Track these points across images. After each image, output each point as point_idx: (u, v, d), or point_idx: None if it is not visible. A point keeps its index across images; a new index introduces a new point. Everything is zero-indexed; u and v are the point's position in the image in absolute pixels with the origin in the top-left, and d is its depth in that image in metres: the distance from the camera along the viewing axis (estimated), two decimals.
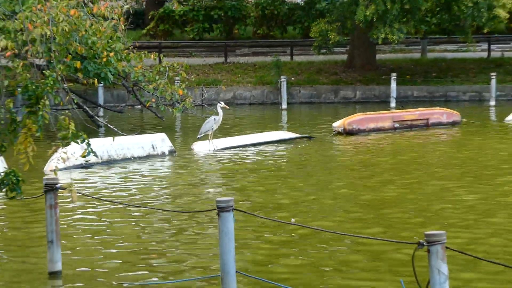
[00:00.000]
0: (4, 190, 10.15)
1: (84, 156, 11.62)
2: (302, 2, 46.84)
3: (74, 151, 11.55)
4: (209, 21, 46.29)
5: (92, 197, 17.19)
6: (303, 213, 16.42)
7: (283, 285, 11.27)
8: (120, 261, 13.29)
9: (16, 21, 10.17)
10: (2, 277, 12.61)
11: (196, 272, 12.39)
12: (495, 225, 15.05)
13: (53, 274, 12.19)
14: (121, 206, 16.95)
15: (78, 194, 16.49)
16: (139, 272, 12.63)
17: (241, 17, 46.67)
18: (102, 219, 16.41)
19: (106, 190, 19.36)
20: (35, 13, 10.22)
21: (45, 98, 9.45)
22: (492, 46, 42.41)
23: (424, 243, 8.80)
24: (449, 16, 38.35)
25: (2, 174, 10.20)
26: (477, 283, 11.27)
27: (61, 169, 19.75)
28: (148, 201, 17.92)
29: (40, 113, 9.42)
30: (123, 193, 19.14)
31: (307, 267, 12.80)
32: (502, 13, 38.26)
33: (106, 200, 17.44)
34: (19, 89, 10.53)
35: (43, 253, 12.69)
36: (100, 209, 17.11)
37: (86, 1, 11.47)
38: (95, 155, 10.87)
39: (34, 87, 9.55)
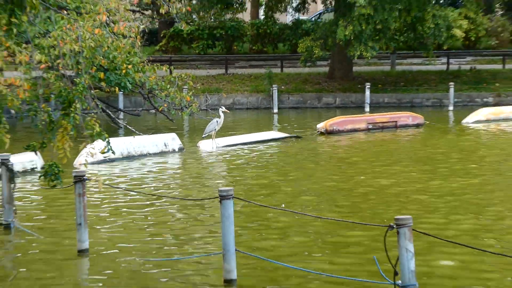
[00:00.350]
0: (47, 179, 10.10)
1: (103, 153, 11.72)
2: (291, 22, 46.91)
3: (100, 148, 11.60)
4: (212, 39, 46.24)
5: (114, 187, 17.21)
6: (293, 199, 16.32)
7: (272, 260, 11.15)
8: (140, 241, 13.23)
9: (49, 38, 10.00)
10: (38, 254, 12.55)
11: (204, 250, 12.35)
12: (458, 208, 15.02)
13: (81, 252, 12.19)
14: (138, 194, 16.90)
15: (103, 184, 16.66)
16: (155, 251, 12.55)
17: (239, 35, 46.61)
18: (123, 205, 16.33)
19: (126, 180, 19.27)
20: (65, 32, 10.09)
21: (76, 102, 9.35)
22: (451, 60, 42.34)
23: (394, 226, 8.81)
24: (414, 35, 38.34)
25: (45, 166, 10.22)
26: (438, 260, 11.16)
27: (89, 163, 19.80)
28: (161, 190, 17.86)
29: (72, 115, 9.38)
30: (141, 183, 19.08)
31: (297, 247, 12.74)
32: (459, 33, 38.38)
33: (126, 189, 17.50)
34: (52, 95, 10.47)
35: (73, 235, 12.59)
36: (121, 197, 17.04)
37: (108, 22, 11.35)
38: (113, 152, 10.87)
39: (66, 93, 9.51)
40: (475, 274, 10.77)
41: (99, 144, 11.10)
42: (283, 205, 14.94)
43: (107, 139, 10.05)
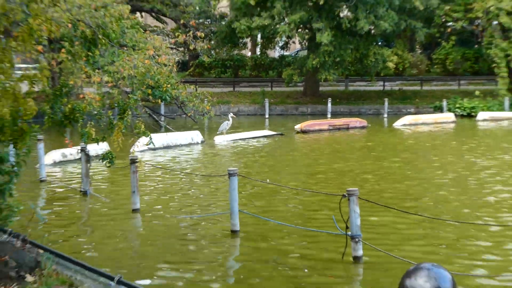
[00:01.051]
0: (105, 162, 10.20)
1: (147, 145, 11.84)
2: (278, 56, 46.83)
3: (145, 141, 11.72)
4: (224, 67, 46.19)
5: (156, 166, 17.22)
6: (278, 175, 16.33)
7: (263, 217, 11.15)
8: (176, 204, 13.24)
9: (114, 66, 9.99)
10: (102, 212, 12.55)
11: (215, 210, 12.34)
12: (387, 180, 15.01)
13: (135, 210, 12.25)
14: (173, 171, 16.90)
15: (147, 165, 16.54)
16: (184, 210, 12.57)
17: (243, 65, 46.57)
18: (162, 179, 16.36)
19: (164, 162, 19.27)
20: (125, 62, 10.07)
21: (128, 110, 9.33)
22: (385, 83, 42.35)
23: (346, 195, 8.89)
24: (361, 66, 38.37)
25: (104, 152, 10.35)
26: (375, 217, 11.19)
27: (138, 151, 19.80)
28: (189, 169, 17.83)
29: (125, 118, 9.32)
30: (175, 164, 19.07)
31: (280, 211, 12.73)
32: (391, 65, 38.55)
33: (165, 168, 17.46)
34: (115, 105, 10.50)
35: (129, 198, 12.63)
36: (161, 174, 17.04)
37: (154, 55, 11.29)
38: (153, 144, 11.01)
39: (122, 104, 9.48)
40: (398, 229, 10.80)
41: (145, 139, 11.15)
42: (267, 180, 14.91)
43: (149, 135, 10.11)
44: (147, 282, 8.29)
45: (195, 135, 23.93)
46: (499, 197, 13.29)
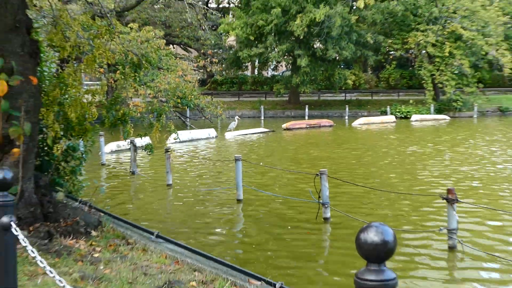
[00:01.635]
0: (147, 150, 10.03)
1: (175, 139, 11.73)
2: (270, 75, 46.66)
3: (174, 137, 11.65)
4: (231, 83, 45.77)
5: (183, 155, 17.09)
6: (270, 160, 16.29)
7: (259, 189, 11.12)
8: (197, 180, 13.18)
9: (154, 83, 9.96)
10: (147, 186, 12.48)
11: (225, 185, 12.28)
12: (349, 164, 15.01)
13: (168, 185, 12.13)
14: (194, 157, 16.82)
15: (177, 153, 16.36)
16: (203, 184, 12.53)
17: (245, 81, 46.20)
18: (187, 163, 16.27)
19: (188, 151, 19.17)
20: (161, 80, 10.04)
21: (163, 114, 9.28)
22: (346, 95, 42.08)
23: (319, 174, 8.83)
24: (329, 82, 38.16)
25: (146, 144, 10.17)
26: (342, 190, 11.18)
27: (170, 143, 19.73)
28: (207, 156, 17.73)
29: (161, 120, 9.18)
30: (196, 151, 18.92)
31: (271, 185, 12.66)
32: (350, 82, 38.21)
33: (190, 155, 17.28)
34: (154, 110, 10.45)
35: (164, 176, 12.57)
36: (187, 159, 16.96)
37: (182, 74, 11.25)
38: (179, 139, 10.97)
39: (159, 109, 9.40)
40: (356, 198, 10.77)
41: (174, 135, 11.11)
42: (261, 163, 14.84)
43: (177, 133, 10.08)
44: (177, 235, 8.30)
45: (211, 132, 23.77)
46: (428, 173, 13.30)
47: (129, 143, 14.71)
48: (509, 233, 8.32)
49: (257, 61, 41.50)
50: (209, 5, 41.61)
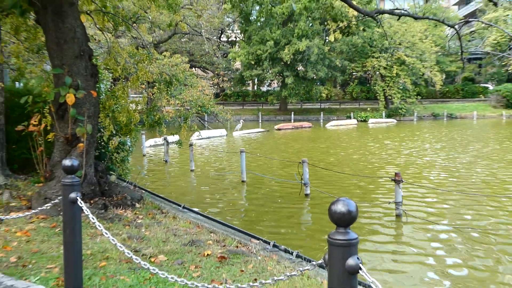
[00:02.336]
0: (177, 144, 9.89)
1: (198, 136, 11.55)
2: (266, 90, 46.37)
3: (197, 134, 11.52)
4: (237, 96, 45.26)
5: (203, 147, 16.96)
6: (265, 151, 16.20)
7: (259, 174, 11.08)
8: (212, 166, 13.07)
9: (181, 95, 9.91)
10: (174, 171, 12.39)
11: (232, 170, 12.21)
12: (324, 155, 14.88)
13: (192, 171, 12.01)
14: (211, 150, 16.69)
15: (199, 147, 16.13)
16: (218, 169, 12.41)
17: (247, 95, 45.84)
18: (206, 154, 16.11)
19: (207, 145, 19.04)
20: (186, 93, 9.98)
21: (189, 118, 9.23)
22: (322, 104, 41.82)
23: (301, 162, 8.73)
24: (309, 95, 37.83)
25: (176, 140, 9.96)
26: (320, 174, 11.11)
27: (193, 139, 19.61)
28: (220, 148, 17.63)
29: (187, 122, 9.17)
30: (211, 147, 18.78)
31: (266, 170, 12.50)
32: (324, 95, 37.97)
33: (206, 148, 17.15)
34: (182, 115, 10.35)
35: (188, 164, 12.46)
36: (204, 151, 16.86)
37: (201, 90, 11.18)
38: (200, 136, 10.81)
39: (185, 115, 9.35)
40: (330, 180, 10.70)
41: (197, 133, 11.00)
42: (258, 154, 14.73)
43: (199, 132, 9.97)
44: (198, 207, 8.28)
45: (223, 131, 23.59)
46: (379, 160, 13.27)
47: (163, 139, 14.67)
48: (438, 205, 8.34)
49: (256, 79, 41.26)
50: (221, 38, 41.44)
